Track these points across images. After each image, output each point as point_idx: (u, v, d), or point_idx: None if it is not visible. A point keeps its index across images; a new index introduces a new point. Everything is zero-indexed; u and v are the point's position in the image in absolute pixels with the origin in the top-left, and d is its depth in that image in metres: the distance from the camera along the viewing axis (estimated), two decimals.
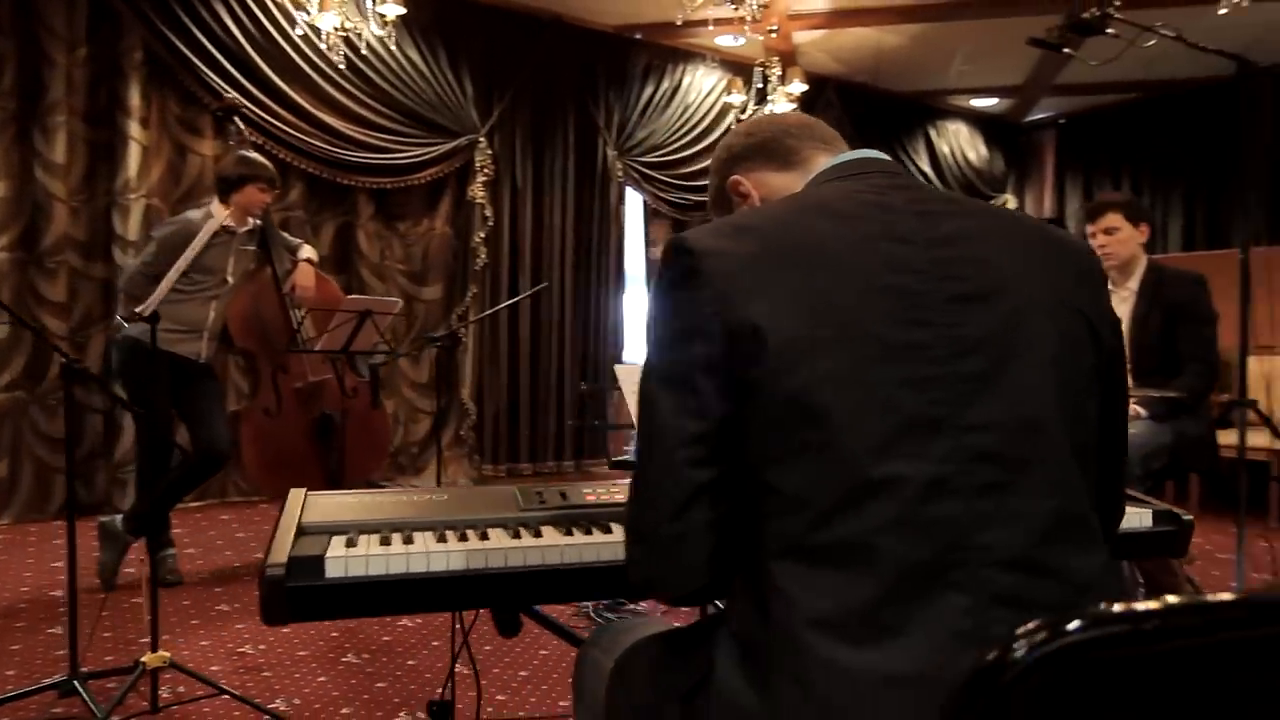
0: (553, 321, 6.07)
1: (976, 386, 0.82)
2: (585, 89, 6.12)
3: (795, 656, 0.78)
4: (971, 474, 0.80)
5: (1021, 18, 5.96)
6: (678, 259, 0.90)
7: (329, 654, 2.81)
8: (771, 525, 0.82)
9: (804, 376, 0.81)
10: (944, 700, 0.74)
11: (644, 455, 0.91)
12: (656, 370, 0.90)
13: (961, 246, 0.89)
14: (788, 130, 1.15)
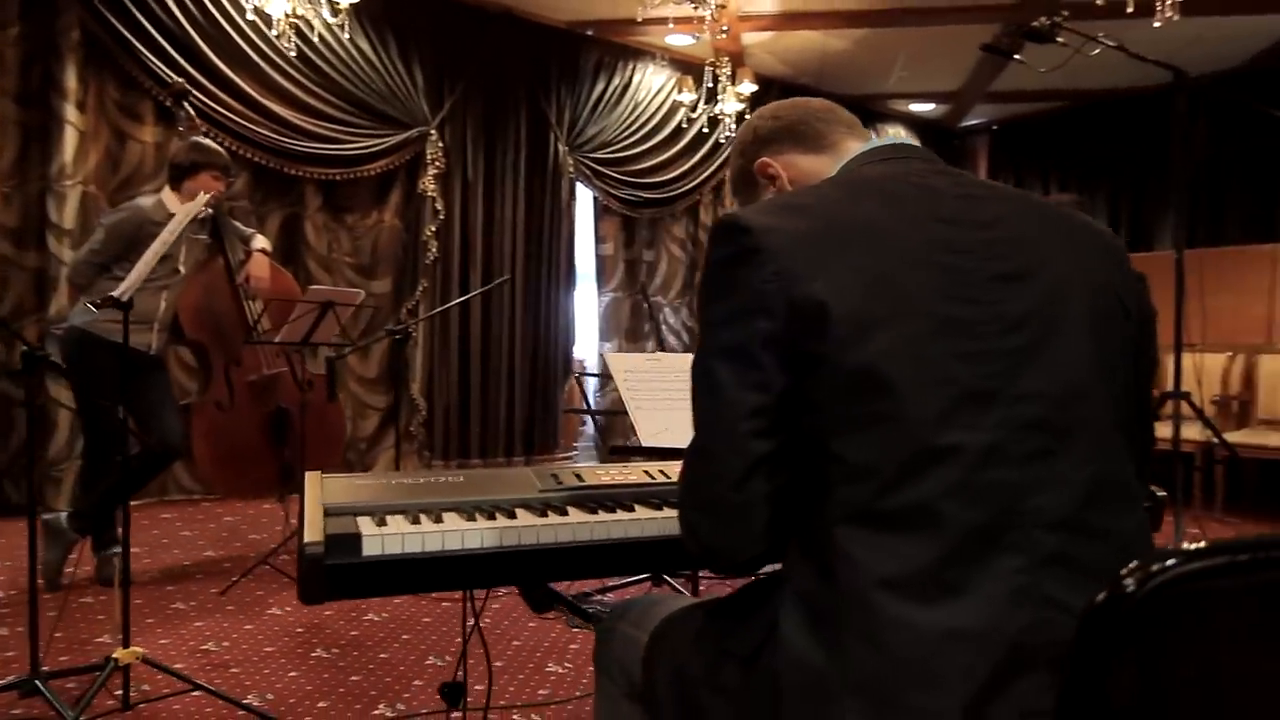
0: (503, 316, 6.04)
1: (1022, 360, 0.88)
2: (537, 83, 6.10)
3: (865, 616, 0.82)
4: (1022, 442, 0.85)
5: (959, 26, 6.17)
6: (734, 237, 0.93)
7: (297, 650, 2.76)
8: (837, 493, 0.86)
9: (868, 350, 0.85)
10: (1002, 655, 0.79)
11: (706, 428, 0.93)
12: (717, 345, 0.92)
13: (1001, 228, 0.94)
14: (815, 114, 1.19)
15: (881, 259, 0.89)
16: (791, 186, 1.17)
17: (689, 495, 0.96)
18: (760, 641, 0.91)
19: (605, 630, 1.28)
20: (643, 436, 1.88)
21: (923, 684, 0.80)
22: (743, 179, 1.25)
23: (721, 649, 0.97)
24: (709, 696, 0.97)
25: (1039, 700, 0.80)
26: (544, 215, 6.20)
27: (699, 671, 1.00)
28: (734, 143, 1.28)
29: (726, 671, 0.95)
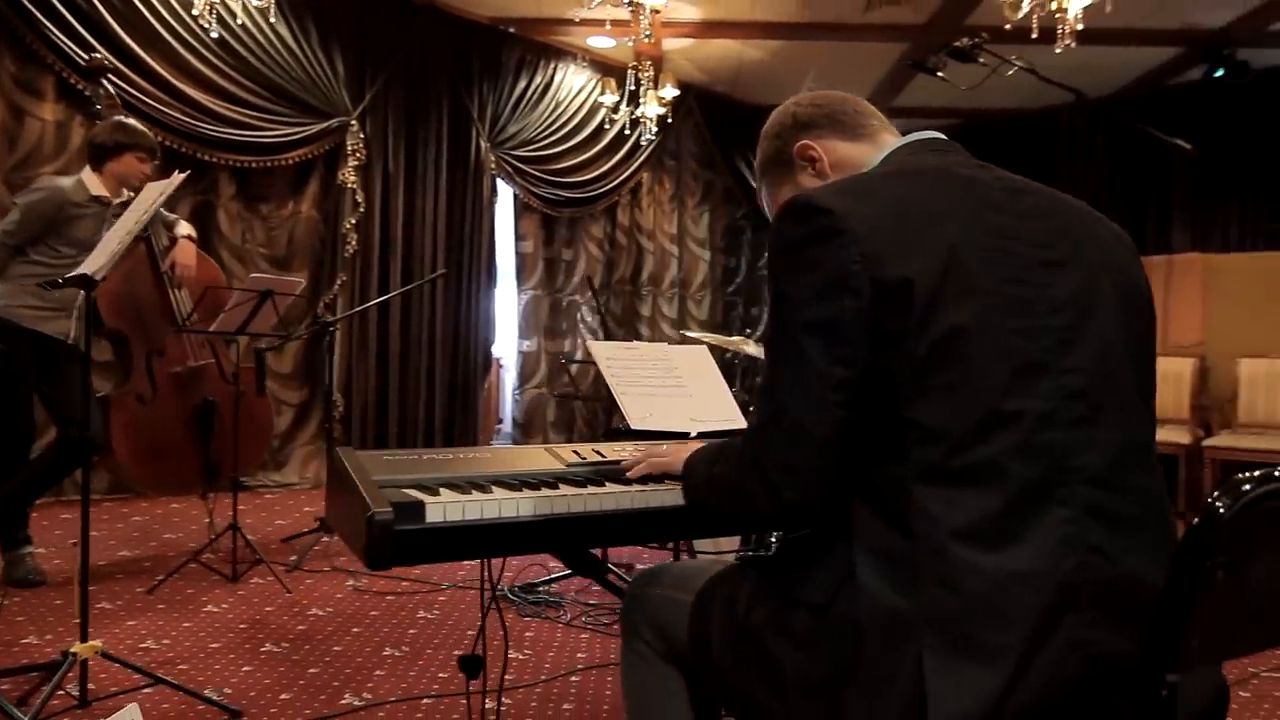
0: (423, 312, 5.96)
1: (1067, 337, 1.00)
2: (459, 78, 6.06)
3: (941, 562, 0.92)
4: (1068, 409, 0.97)
5: (868, 43, 6.49)
6: (814, 217, 1.01)
7: (244, 645, 2.69)
8: (912, 454, 0.95)
9: (945, 326, 0.95)
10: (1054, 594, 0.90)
11: (792, 398, 1.01)
12: (802, 321, 1.00)
13: (1042, 219, 1.06)
14: (853, 105, 1.27)
15: (949, 244, 0.98)
16: (831, 170, 1.24)
17: (772, 459, 1.03)
18: (834, 590, 0.99)
19: (636, 596, 1.34)
20: (632, 421, 1.95)
21: (992, 620, 0.90)
22: (777, 160, 1.30)
23: (790, 599, 1.05)
24: (776, 643, 1.04)
25: (1085, 633, 0.92)
26: (465, 211, 6.15)
27: (761, 621, 1.08)
28: (767, 127, 1.33)
29: (796, 618, 1.03)
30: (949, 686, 0.89)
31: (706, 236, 7.94)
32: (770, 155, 1.32)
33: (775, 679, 1.03)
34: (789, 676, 1.02)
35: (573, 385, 4.18)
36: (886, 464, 0.97)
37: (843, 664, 0.96)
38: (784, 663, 1.03)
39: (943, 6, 5.83)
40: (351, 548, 1.21)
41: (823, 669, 0.98)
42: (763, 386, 1.08)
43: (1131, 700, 0.92)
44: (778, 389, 1.03)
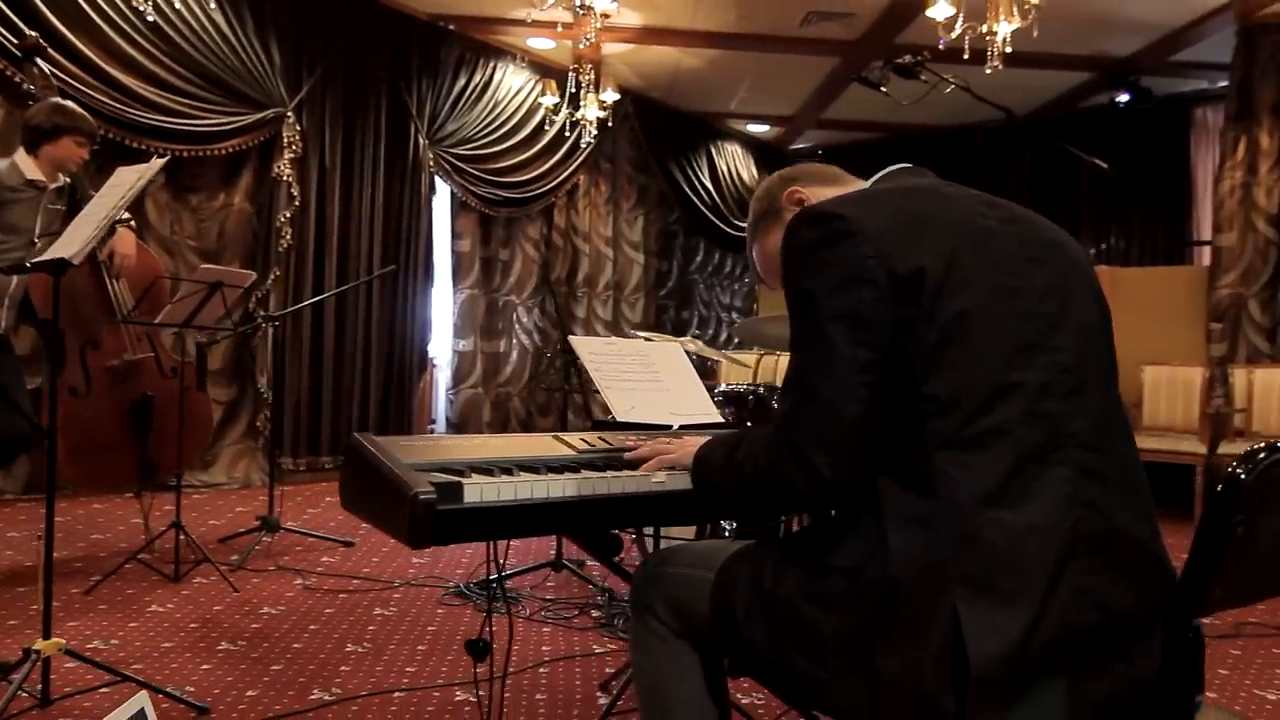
0: (358, 309, 5.86)
1: (1054, 321, 1.12)
2: (398, 74, 5.99)
3: (966, 520, 1.01)
4: (1060, 382, 1.09)
5: (802, 56, 6.70)
6: (826, 223, 1.12)
7: (199, 644, 2.63)
8: (930, 425, 1.05)
9: (953, 310, 1.06)
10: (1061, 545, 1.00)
11: (823, 382, 1.09)
12: (828, 312, 1.09)
13: (1016, 224, 1.19)
14: (827, 167, 1.44)
15: (950, 242, 1.10)
16: None
17: (807, 440, 1.10)
18: (866, 556, 1.07)
19: (650, 576, 1.39)
20: (617, 413, 2.00)
21: (1013, 570, 1.00)
22: (768, 212, 1.42)
23: (822, 566, 1.12)
24: (809, 609, 1.11)
25: (1086, 579, 1.02)
26: (403, 208, 6.08)
27: (791, 591, 1.14)
28: (757, 193, 1.46)
29: (830, 583, 1.10)
30: (985, 629, 0.98)
31: (641, 240, 8.03)
32: (761, 211, 1.44)
33: (811, 642, 1.10)
34: (825, 638, 1.09)
35: (559, 377, 4.18)
36: (907, 436, 1.06)
37: (879, 619, 1.04)
38: (820, 625, 1.10)
39: (874, 25, 6.06)
40: (384, 528, 1.23)
41: (859, 626, 1.06)
42: (791, 376, 1.16)
43: (1130, 644, 1.03)
44: (807, 376, 1.12)
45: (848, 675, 1.07)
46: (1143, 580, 1.07)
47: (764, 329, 3.18)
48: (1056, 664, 1.00)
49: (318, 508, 4.78)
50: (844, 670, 1.07)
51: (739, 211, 8.83)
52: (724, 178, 8.65)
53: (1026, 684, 0.99)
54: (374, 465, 1.25)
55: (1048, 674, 1.00)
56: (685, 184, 8.23)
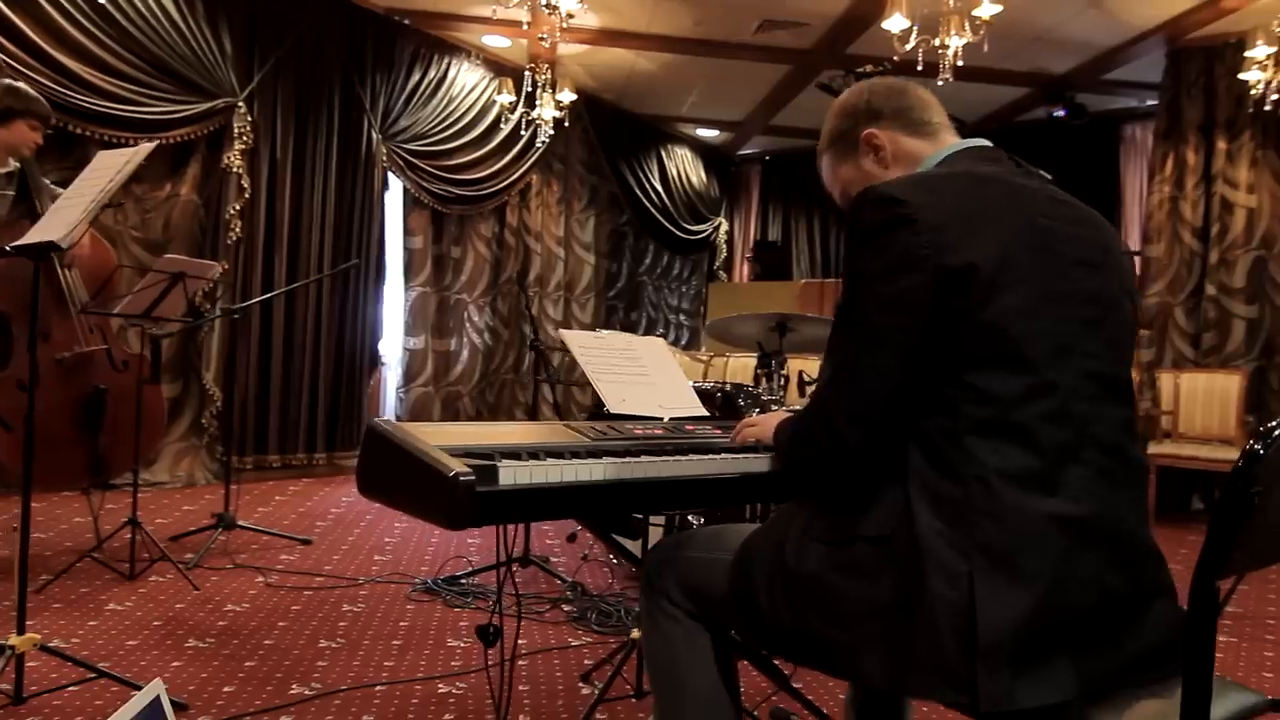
0: (308, 306, 5.75)
1: (1091, 327, 1.18)
2: (352, 67, 5.90)
3: (991, 500, 1.07)
4: (1087, 386, 1.15)
5: (754, 63, 6.80)
6: (890, 206, 1.15)
7: (165, 641, 2.57)
8: (964, 409, 1.10)
9: (1000, 307, 1.11)
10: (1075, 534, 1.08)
11: (863, 358, 1.15)
12: (873, 295, 1.15)
13: (1077, 226, 1.23)
14: (923, 102, 1.38)
15: (1007, 238, 1.14)
16: (891, 160, 1.36)
17: (839, 409, 1.17)
18: (892, 526, 1.12)
19: (665, 560, 1.43)
20: (610, 405, 2.03)
21: (1031, 551, 1.07)
22: (843, 139, 1.40)
23: (848, 536, 1.16)
24: (834, 577, 1.16)
25: (1093, 569, 1.10)
26: (355, 203, 5.99)
27: (815, 563, 1.18)
28: (840, 104, 1.43)
29: (856, 552, 1.15)
30: (998, 601, 1.05)
31: (592, 241, 8.05)
32: (838, 132, 1.42)
33: (835, 610, 1.15)
34: (849, 605, 1.14)
35: (544, 370, 4.17)
36: (941, 417, 1.12)
37: (902, 586, 1.10)
38: (845, 593, 1.14)
39: (825, 35, 6.20)
40: (414, 511, 1.24)
41: (883, 593, 1.11)
42: (832, 349, 1.22)
43: (1123, 625, 1.11)
44: (847, 351, 1.18)
45: (870, 640, 1.12)
46: (1138, 570, 1.15)
47: (735, 328, 3.25)
48: (1063, 642, 1.08)
49: (268, 506, 4.68)
50: (866, 635, 1.12)
51: (688, 215, 8.93)
52: (674, 181, 8.73)
53: (1035, 658, 1.06)
54: (403, 449, 1.26)
55: (1056, 650, 1.07)
56: (636, 186, 8.28)
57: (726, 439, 1.60)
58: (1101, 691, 1.10)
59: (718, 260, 9.57)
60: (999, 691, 1.04)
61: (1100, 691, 1.10)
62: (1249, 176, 5.59)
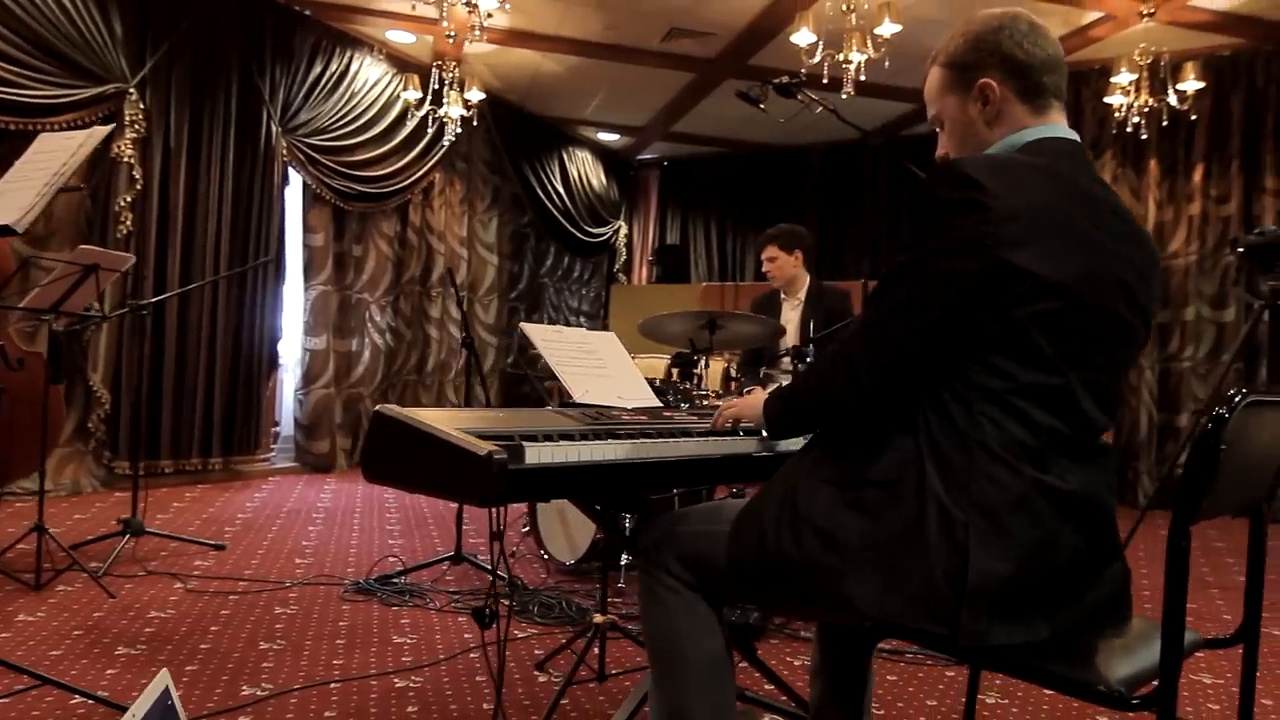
0: (203, 304, 5.51)
1: (1114, 343, 1.29)
2: (250, 56, 5.69)
3: (990, 464, 1.20)
4: (1094, 393, 1.27)
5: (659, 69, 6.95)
6: (966, 187, 1.20)
7: (92, 650, 2.45)
8: (980, 382, 1.22)
9: (1034, 311, 1.20)
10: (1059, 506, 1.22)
11: (894, 318, 1.25)
12: (928, 266, 1.22)
13: (1124, 244, 1.31)
14: (1052, 66, 1.36)
15: (1064, 250, 1.22)
16: (996, 118, 1.36)
17: (863, 359, 1.27)
18: (901, 472, 1.23)
19: (662, 536, 1.50)
20: (575, 395, 2.08)
21: (1021, 515, 1.20)
22: (963, 67, 1.37)
23: (858, 480, 1.26)
24: (844, 514, 1.25)
25: (1070, 536, 1.24)
26: (253, 197, 5.77)
27: (826, 502, 1.28)
28: (977, 29, 1.37)
29: (865, 494, 1.25)
30: (987, 554, 1.18)
31: (494, 242, 8.01)
32: (959, 58, 1.38)
33: (839, 542, 1.25)
34: (850, 535, 1.24)
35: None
36: (958, 384, 1.23)
37: (902, 526, 1.21)
38: (847, 525, 1.25)
39: (730, 45, 6.41)
40: (437, 491, 1.28)
41: (883, 530, 1.22)
42: (872, 301, 1.30)
43: (1086, 581, 1.27)
44: (884, 309, 1.27)
45: (863, 568, 1.23)
46: (1103, 537, 1.30)
47: (667, 326, 3.34)
48: (1039, 595, 1.22)
49: (167, 513, 4.47)
50: (862, 564, 1.23)
51: (589, 217, 9.00)
52: (575, 183, 8.78)
53: (1014, 606, 1.20)
54: (426, 433, 1.29)
55: (1032, 602, 1.22)
56: (539, 187, 8.29)
57: (701, 424, 1.69)
58: (1065, 634, 1.25)
59: (617, 263, 9.68)
60: (977, 630, 1.18)
61: (1064, 634, 1.25)
62: None
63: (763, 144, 9.00)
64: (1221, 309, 5.82)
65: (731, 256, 9.55)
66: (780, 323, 3.59)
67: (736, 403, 1.66)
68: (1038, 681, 1.19)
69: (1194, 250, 5.88)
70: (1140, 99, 5.39)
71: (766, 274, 4.16)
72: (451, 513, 4.82)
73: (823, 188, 8.94)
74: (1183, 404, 5.81)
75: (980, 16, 1.39)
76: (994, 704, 2.34)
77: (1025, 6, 1.43)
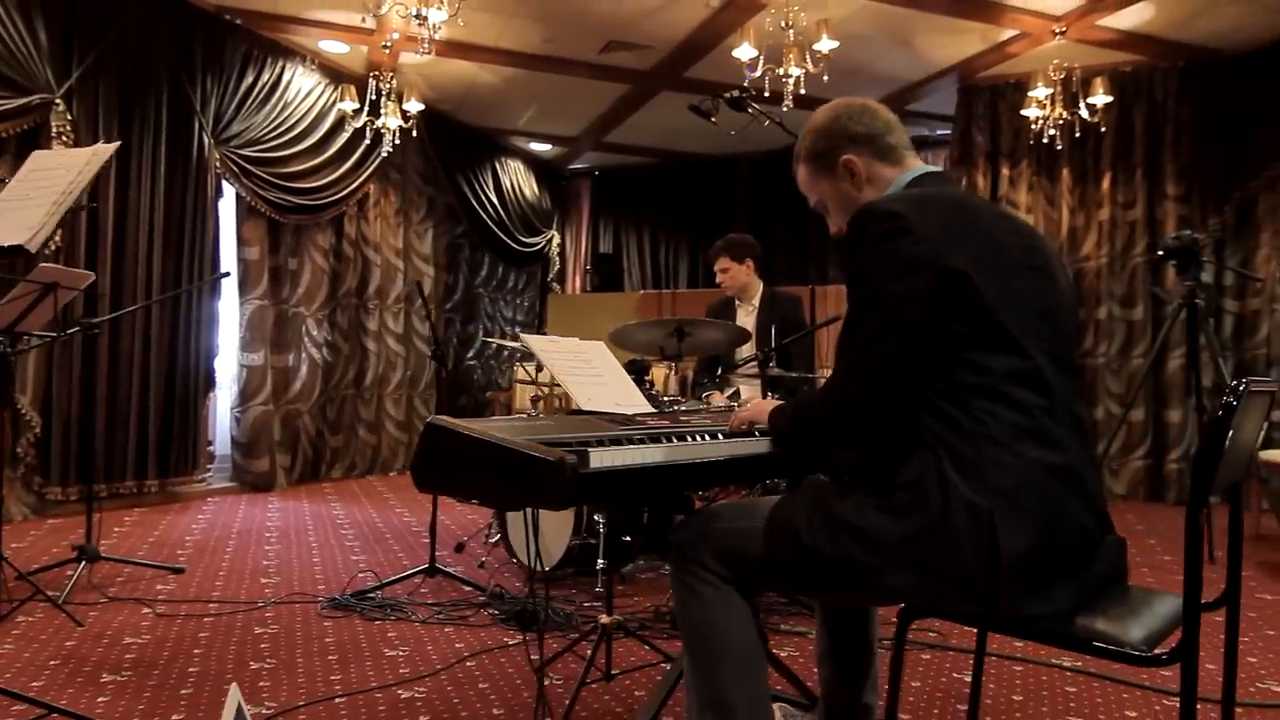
0: (136, 321, 5.33)
1: (1044, 318, 1.45)
2: (181, 66, 5.54)
3: (996, 451, 1.33)
4: (1055, 366, 1.43)
5: (594, 81, 7.03)
6: (891, 220, 1.41)
7: (75, 678, 2.38)
8: (965, 380, 1.36)
9: (989, 302, 1.37)
10: (1064, 481, 1.35)
11: (875, 344, 1.39)
12: (886, 292, 1.38)
13: (1021, 238, 1.51)
14: (891, 129, 1.62)
15: (981, 250, 1.41)
16: (865, 183, 1.60)
17: (857, 386, 1.40)
18: (923, 473, 1.35)
19: (696, 534, 1.58)
20: (580, 403, 2.14)
21: (1031, 490, 1.33)
22: (823, 156, 1.64)
23: (887, 487, 1.39)
24: (876, 516, 1.37)
25: (1073, 508, 1.38)
26: (186, 210, 5.61)
27: (857, 505, 1.40)
28: (821, 123, 1.65)
29: (895, 496, 1.37)
30: (1011, 534, 1.30)
31: (430, 253, 7.94)
32: (817, 150, 1.65)
33: (870, 539, 1.37)
34: (884, 535, 1.36)
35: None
36: (948, 386, 1.37)
37: (933, 521, 1.33)
38: (880, 526, 1.37)
39: (667, 58, 6.55)
40: (510, 499, 1.33)
41: (913, 526, 1.34)
42: (850, 337, 1.44)
43: (1092, 553, 1.41)
44: (864, 339, 1.41)
45: (899, 563, 1.35)
46: (1097, 511, 1.44)
47: (637, 335, 3.43)
48: (1058, 566, 1.35)
49: (110, 539, 4.30)
50: (896, 559, 1.36)
51: (523, 227, 9.01)
52: (508, 193, 8.78)
53: (1040, 578, 1.33)
54: (488, 443, 1.35)
55: (1054, 572, 1.35)
56: (473, 197, 8.26)
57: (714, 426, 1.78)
58: (1083, 602, 1.39)
59: (551, 272, 9.71)
60: (1013, 604, 1.31)
61: (1083, 601, 1.38)
62: (1027, 199, 6.50)
63: (693, 154, 9.19)
64: (1131, 308, 6.23)
65: (665, 265, 9.70)
66: (746, 328, 3.71)
67: (748, 408, 1.77)
68: (1069, 647, 1.32)
69: (1105, 253, 6.28)
70: (1054, 112, 5.74)
71: (720, 284, 4.29)
72: (408, 527, 4.80)
73: (753, 196, 9.17)
74: (1099, 399, 6.20)
75: (819, 114, 1.66)
76: (970, 679, 2.49)
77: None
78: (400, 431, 7.54)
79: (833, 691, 1.91)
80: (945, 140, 7.64)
